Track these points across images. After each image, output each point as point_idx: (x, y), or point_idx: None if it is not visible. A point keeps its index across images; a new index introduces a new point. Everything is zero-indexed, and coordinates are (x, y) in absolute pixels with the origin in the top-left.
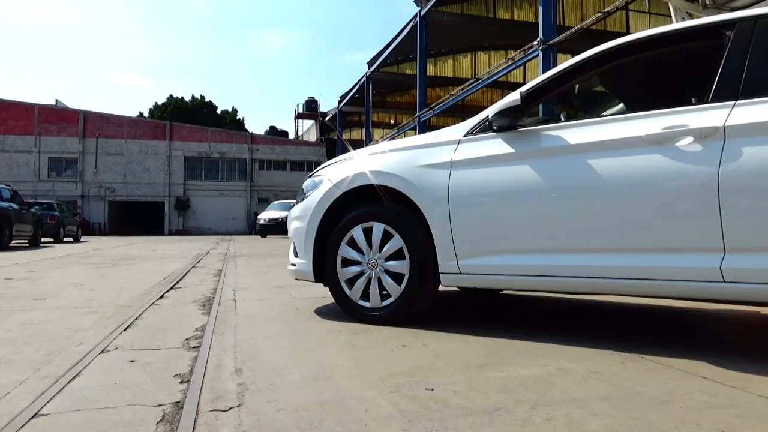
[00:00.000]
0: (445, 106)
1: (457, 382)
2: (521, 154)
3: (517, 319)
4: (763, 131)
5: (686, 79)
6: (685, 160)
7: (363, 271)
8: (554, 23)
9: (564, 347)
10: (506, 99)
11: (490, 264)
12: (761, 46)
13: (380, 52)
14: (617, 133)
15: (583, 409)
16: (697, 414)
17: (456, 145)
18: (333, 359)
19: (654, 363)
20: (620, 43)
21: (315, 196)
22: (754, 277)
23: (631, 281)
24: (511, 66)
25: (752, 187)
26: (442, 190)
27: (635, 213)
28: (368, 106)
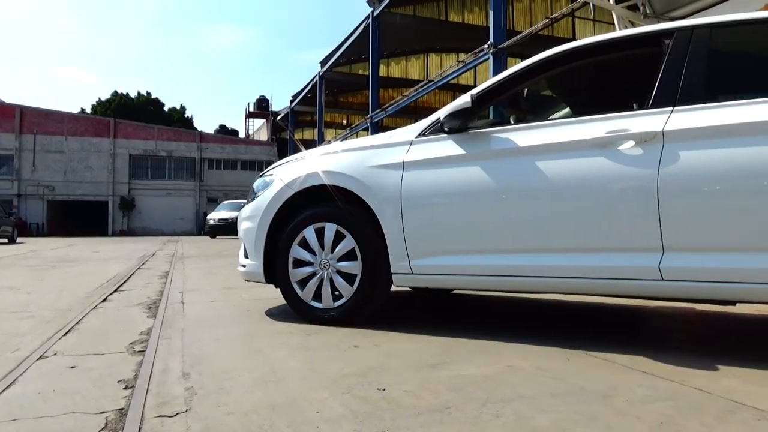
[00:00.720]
0: (397, 107)
1: (408, 382)
2: (472, 155)
3: (468, 319)
4: (698, 137)
5: (629, 85)
6: (627, 163)
7: (315, 272)
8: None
9: (513, 345)
10: (457, 101)
11: (442, 264)
12: (697, 55)
13: (333, 51)
14: (564, 136)
15: (531, 405)
16: (638, 407)
17: (408, 146)
18: (284, 361)
19: (598, 359)
20: (566, 49)
21: (266, 196)
22: (690, 275)
23: (576, 280)
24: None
25: (688, 190)
26: (395, 191)
27: (580, 214)
28: (320, 106)
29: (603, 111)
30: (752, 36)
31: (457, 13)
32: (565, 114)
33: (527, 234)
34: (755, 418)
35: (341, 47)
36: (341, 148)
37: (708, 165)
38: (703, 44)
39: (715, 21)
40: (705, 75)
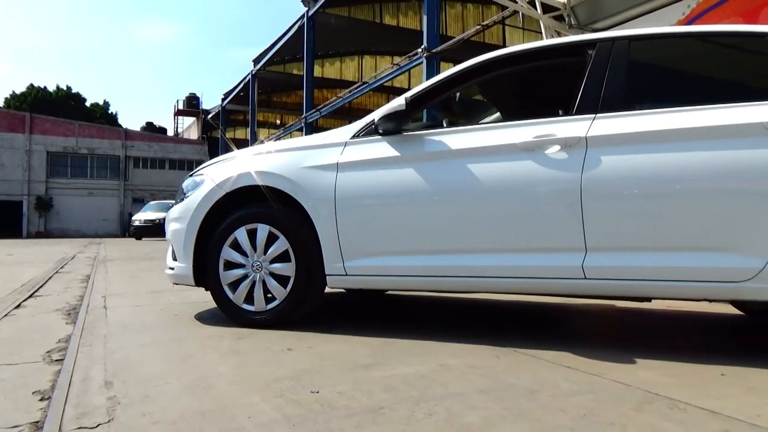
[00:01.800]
0: (332, 107)
1: (342, 383)
2: (405, 157)
3: (401, 319)
4: (618, 143)
5: (555, 91)
6: (553, 167)
7: (247, 274)
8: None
9: (445, 344)
10: (392, 104)
11: (376, 265)
12: (617, 65)
13: (267, 50)
14: (494, 139)
15: (462, 402)
16: (562, 401)
17: (343, 147)
18: (215, 366)
19: (525, 355)
20: (497, 56)
21: (196, 197)
22: (611, 274)
23: (505, 280)
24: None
25: (608, 193)
26: (329, 192)
27: (509, 215)
28: (253, 105)
29: (531, 116)
30: (667, 49)
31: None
32: (496, 118)
33: (459, 235)
34: (669, 407)
35: (275, 46)
36: (275, 148)
37: (626, 169)
38: (623, 55)
39: (633, 33)
40: (624, 84)
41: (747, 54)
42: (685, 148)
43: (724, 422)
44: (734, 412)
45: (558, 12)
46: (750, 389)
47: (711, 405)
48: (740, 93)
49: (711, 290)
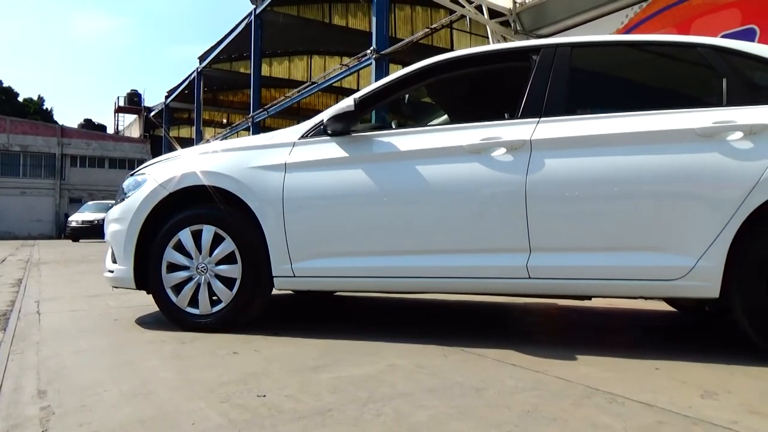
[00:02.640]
0: (279, 107)
1: (289, 386)
2: (354, 158)
3: (349, 320)
4: (561, 146)
5: (501, 95)
6: (499, 169)
7: (191, 277)
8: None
9: (394, 344)
10: (340, 104)
11: (324, 266)
12: (560, 71)
13: (213, 47)
14: (442, 141)
15: (410, 402)
16: (508, 398)
17: (291, 147)
18: (156, 372)
19: (472, 354)
20: (445, 59)
21: (137, 197)
22: (553, 273)
23: (452, 280)
24: (346, 72)
25: (552, 195)
26: (276, 193)
27: (456, 217)
28: (198, 104)
29: (478, 119)
30: (606, 56)
31: (341, 17)
32: (443, 121)
33: (407, 236)
34: (607, 401)
35: (221, 43)
36: (221, 147)
37: (568, 172)
38: (565, 61)
39: (575, 41)
40: (567, 89)
41: (679, 63)
42: (622, 152)
43: (658, 414)
44: (667, 404)
45: (504, 18)
46: (682, 382)
47: (646, 398)
48: (674, 100)
49: (647, 288)
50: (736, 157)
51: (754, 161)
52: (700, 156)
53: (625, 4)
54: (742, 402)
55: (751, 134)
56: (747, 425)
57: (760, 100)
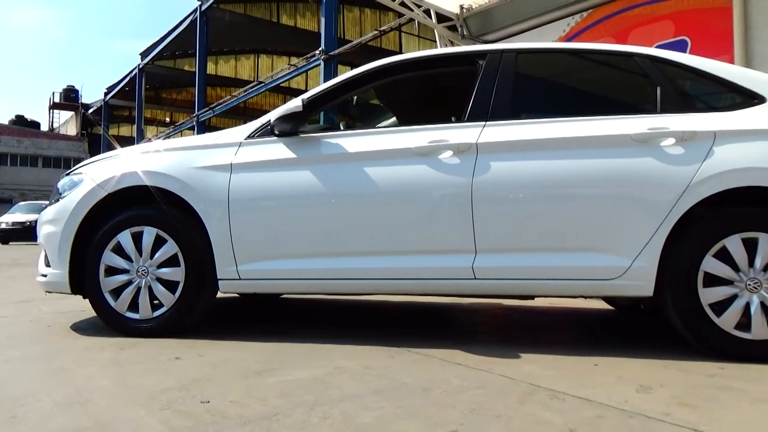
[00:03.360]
0: (225, 107)
1: (235, 391)
2: (302, 159)
3: (297, 323)
4: (506, 149)
5: (449, 98)
6: (446, 172)
7: (131, 280)
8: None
9: (341, 346)
10: (288, 105)
11: (271, 269)
12: (505, 76)
13: (156, 43)
14: (390, 143)
15: (357, 404)
16: (453, 397)
17: (237, 147)
18: (93, 379)
19: (419, 355)
20: (394, 61)
21: (74, 197)
22: (498, 274)
23: (400, 281)
24: (294, 72)
25: (497, 197)
26: (222, 193)
27: (404, 218)
28: (140, 101)
29: (426, 122)
30: (549, 62)
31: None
32: (392, 123)
33: (355, 238)
34: (549, 398)
35: (165, 39)
36: (164, 147)
37: (513, 175)
38: (511, 67)
39: (520, 47)
40: (511, 94)
41: (617, 71)
42: (563, 156)
43: (597, 409)
44: (605, 399)
45: (452, 22)
46: (619, 378)
47: (586, 394)
48: (612, 106)
49: (586, 288)
50: (669, 162)
51: (684, 166)
52: (635, 161)
53: (567, 14)
54: (673, 395)
55: (682, 140)
56: (678, 417)
57: (691, 109)
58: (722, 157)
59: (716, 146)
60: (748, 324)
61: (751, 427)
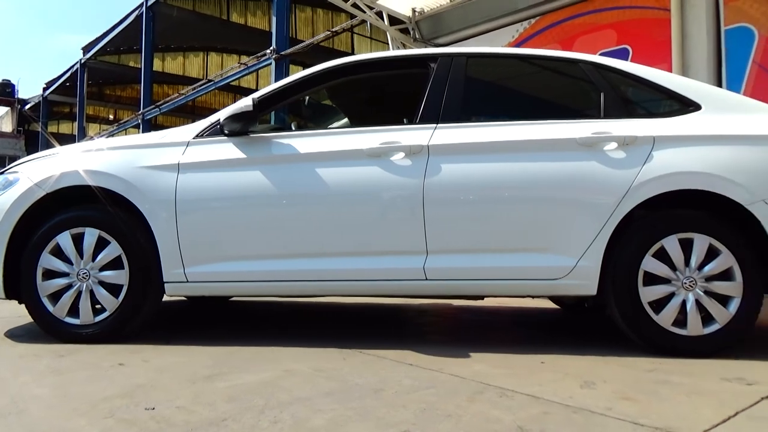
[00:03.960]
0: (173, 105)
1: (181, 397)
2: (252, 159)
3: (246, 326)
4: (457, 151)
5: (401, 100)
6: (398, 173)
7: (71, 284)
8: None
9: (291, 349)
10: (238, 104)
11: (220, 271)
12: (456, 79)
13: (99, 38)
14: (342, 144)
15: (308, 407)
16: (404, 397)
17: (185, 147)
18: (29, 388)
19: (370, 356)
20: (346, 62)
21: (8, 197)
22: (449, 275)
23: (352, 283)
24: (244, 71)
25: (448, 199)
26: (168, 194)
27: (356, 220)
28: (82, 97)
29: (378, 123)
30: (499, 67)
31: (239, 15)
32: (344, 124)
33: (306, 239)
34: (498, 396)
35: (109, 34)
36: (107, 145)
37: (463, 177)
38: (461, 70)
39: (470, 51)
40: (462, 97)
41: (564, 77)
42: (512, 158)
43: (543, 405)
44: (552, 395)
45: (404, 25)
46: (565, 374)
47: (533, 391)
48: (559, 111)
49: (534, 287)
50: (611, 166)
51: (626, 170)
52: (580, 164)
53: (515, 20)
54: (615, 390)
55: (624, 145)
56: (620, 411)
57: (633, 114)
58: (661, 161)
59: (655, 151)
60: (685, 321)
61: (686, 419)
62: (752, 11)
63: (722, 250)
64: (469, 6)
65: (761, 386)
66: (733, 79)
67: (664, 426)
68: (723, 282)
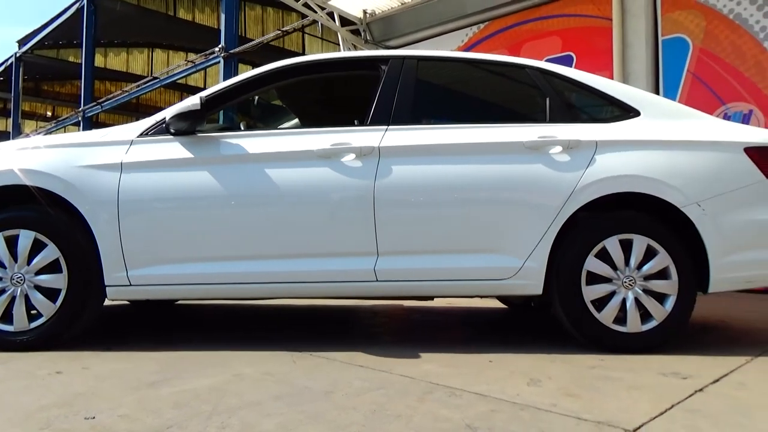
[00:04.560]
0: (115, 102)
1: (124, 405)
2: (199, 159)
3: (194, 330)
4: (407, 153)
5: (352, 101)
6: (349, 175)
7: (4, 288)
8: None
9: (240, 353)
10: (185, 102)
11: (165, 273)
12: (407, 82)
13: (36, 31)
14: (292, 145)
15: (257, 411)
16: (355, 399)
17: (128, 145)
18: None
19: (321, 358)
20: (297, 62)
21: None
22: (399, 275)
23: (302, 285)
24: (191, 69)
25: (398, 200)
26: (110, 195)
27: (306, 221)
28: (17, 93)
29: (328, 124)
30: (449, 70)
31: (186, 11)
32: (294, 124)
33: (254, 241)
34: (447, 395)
35: (47, 27)
36: (45, 143)
37: (413, 178)
38: (412, 73)
39: (421, 54)
40: (413, 99)
41: (512, 81)
42: (461, 161)
43: (491, 403)
44: (499, 393)
45: (355, 26)
46: (512, 372)
47: (481, 389)
48: (507, 114)
49: (483, 287)
50: (556, 169)
51: (570, 173)
52: (527, 167)
53: (465, 24)
54: (560, 386)
55: (568, 149)
56: (564, 407)
57: (577, 119)
58: (603, 164)
59: (598, 155)
60: (625, 318)
61: (626, 413)
62: (687, 23)
63: (659, 251)
64: (420, 9)
65: (695, 380)
66: (670, 87)
67: (606, 420)
68: (660, 281)
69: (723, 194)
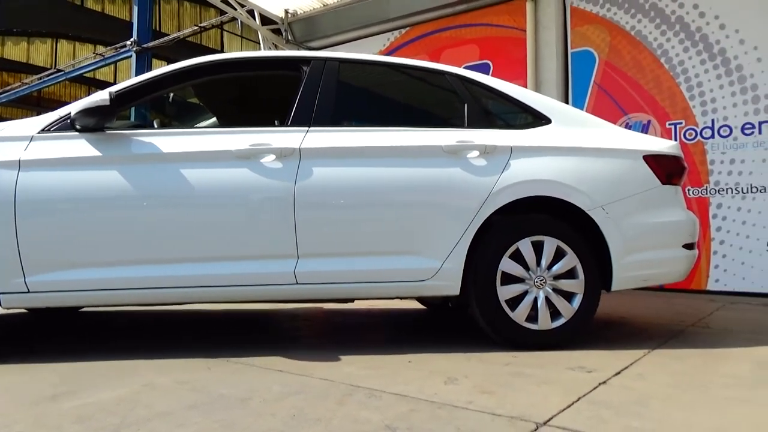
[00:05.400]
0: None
1: (21, 422)
2: (108, 158)
3: (101, 338)
4: (328, 155)
5: (272, 102)
6: (268, 176)
7: None
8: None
9: (152, 361)
10: (93, 97)
11: (68, 279)
12: (328, 83)
13: None
14: (209, 145)
15: (169, 422)
16: (273, 405)
17: (28, 142)
18: None
19: (238, 364)
20: (215, 60)
21: None
22: (319, 278)
23: (219, 289)
24: (100, 62)
25: (319, 202)
26: (7, 195)
27: (223, 223)
28: None
29: (247, 124)
30: (371, 74)
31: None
32: (212, 123)
33: (168, 244)
34: (367, 397)
35: None
36: None
37: (333, 181)
38: (334, 75)
39: (343, 56)
40: (334, 101)
41: (431, 86)
42: (382, 163)
43: (410, 403)
44: (418, 393)
45: (276, 26)
46: (430, 372)
47: (400, 390)
48: (427, 119)
49: (402, 289)
50: (473, 173)
51: (486, 177)
52: (445, 170)
53: (386, 29)
54: (476, 384)
55: (485, 153)
56: (480, 404)
57: (493, 125)
58: (517, 169)
59: (512, 160)
60: (536, 316)
61: (537, 407)
62: (594, 37)
63: (568, 252)
64: (342, 12)
65: (599, 373)
66: (578, 96)
67: (519, 414)
68: (568, 280)
69: (624, 198)
